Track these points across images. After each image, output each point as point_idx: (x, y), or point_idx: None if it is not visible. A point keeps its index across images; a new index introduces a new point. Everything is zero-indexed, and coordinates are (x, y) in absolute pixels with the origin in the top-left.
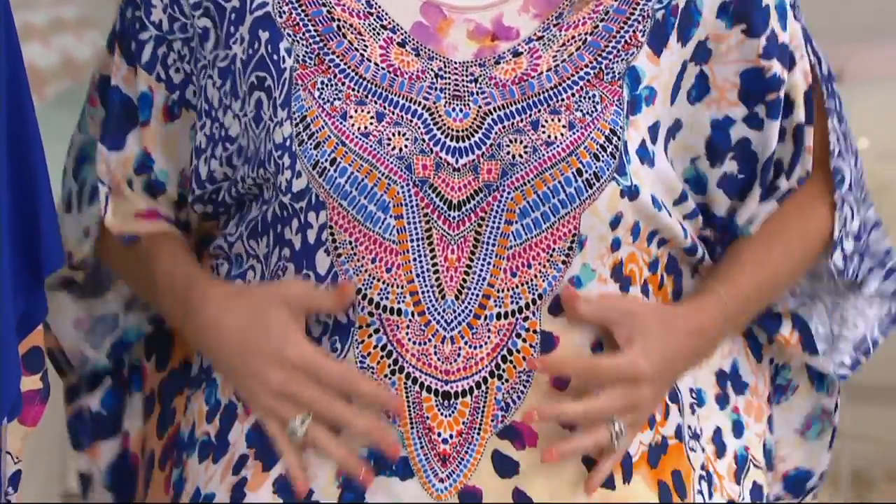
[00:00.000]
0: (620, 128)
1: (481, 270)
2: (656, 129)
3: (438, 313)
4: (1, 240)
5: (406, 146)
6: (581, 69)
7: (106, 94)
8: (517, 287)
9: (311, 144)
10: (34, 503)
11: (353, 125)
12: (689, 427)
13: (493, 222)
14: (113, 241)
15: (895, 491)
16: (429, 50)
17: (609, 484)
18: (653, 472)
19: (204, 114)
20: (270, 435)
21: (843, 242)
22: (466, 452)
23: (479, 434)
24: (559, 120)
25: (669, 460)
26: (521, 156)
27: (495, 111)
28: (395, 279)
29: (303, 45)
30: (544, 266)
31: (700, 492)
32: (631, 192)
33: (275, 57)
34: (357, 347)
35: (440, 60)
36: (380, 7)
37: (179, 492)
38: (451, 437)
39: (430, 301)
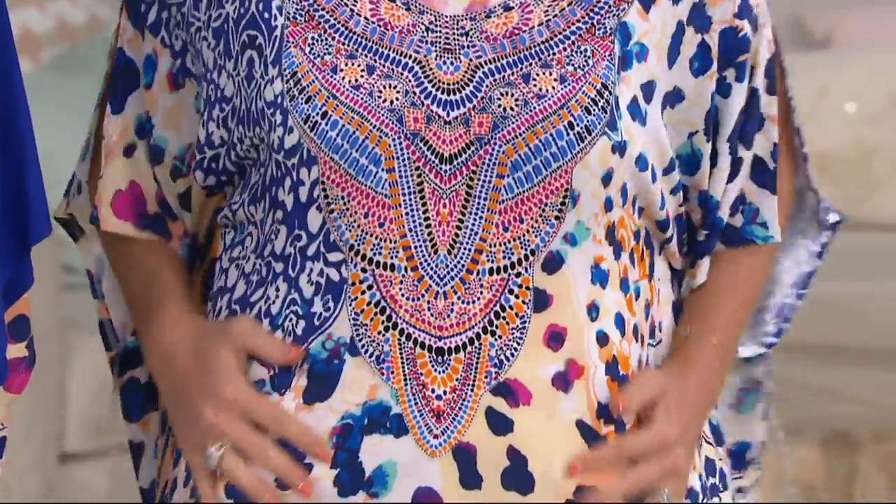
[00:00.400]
0: (612, 82)
1: (473, 225)
2: (651, 88)
3: (431, 268)
4: None
5: (397, 99)
6: (573, 24)
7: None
8: (509, 242)
9: (301, 99)
10: (31, 464)
11: (343, 78)
12: None
13: (485, 176)
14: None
15: (882, 451)
16: (419, 4)
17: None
18: None
19: (202, 78)
20: (192, 468)
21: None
22: (460, 409)
23: (472, 390)
24: (550, 73)
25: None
26: (512, 109)
27: (486, 64)
28: (387, 234)
29: (293, 2)
30: (537, 221)
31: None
32: (621, 148)
33: (266, 15)
34: (350, 305)
35: (431, 14)
36: None
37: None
38: (444, 393)
39: (423, 256)
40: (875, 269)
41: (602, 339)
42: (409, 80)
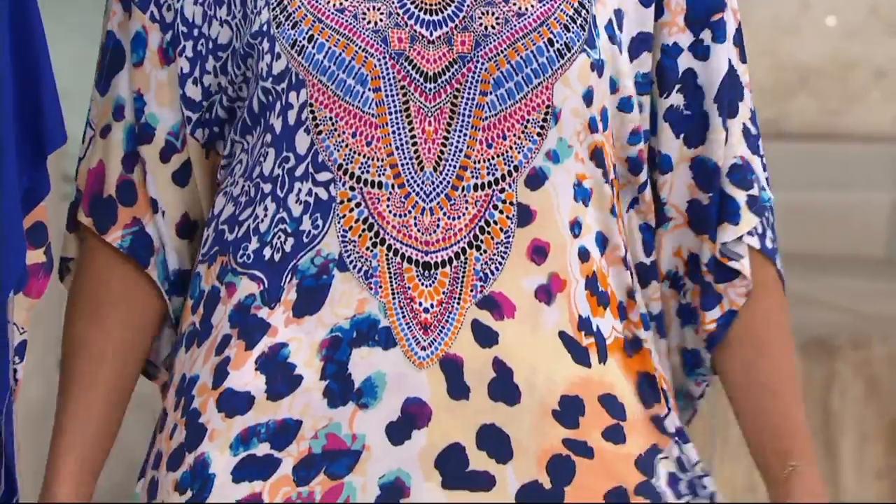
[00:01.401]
0: (588, 2)
1: (458, 142)
2: (620, 17)
3: (417, 185)
4: (4, 116)
5: (381, 20)
6: None
7: None
8: (493, 158)
9: (288, 25)
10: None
11: (328, 2)
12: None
13: (468, 93)
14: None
15: (859, 357)
16: None
17: (584, 361)
18: (628, 361)
19: (183, 37)
20: None
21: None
22: (447, 321)
23: (458, 304)
24: None
25: (641, 359)
26: (493, 27)
27: None
28: (374, 152)
29: None
30: (519, 138)
31: (669, 406)
32: (600, 67)
33: None
34: (339, 222)
35: None
36: None
37: (167, 393)
38: (431, 306)
39: (409, 173)
40: (853, 179)
41: (583, 254)
42: (393, 2)
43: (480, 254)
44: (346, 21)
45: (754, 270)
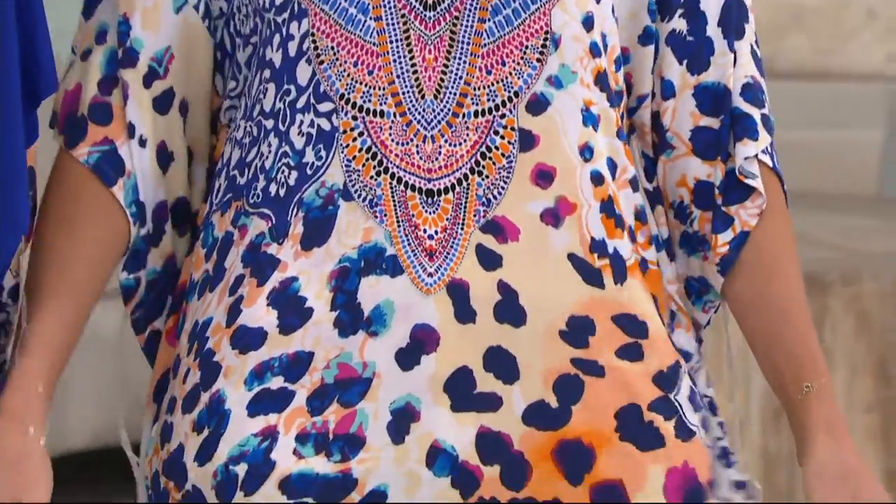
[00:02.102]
0: None
1: (457, 69)
2: None
3: (419, 112)
4: (11, 59)
5: None
6: None
7: None
8: (493, 85)
9: None
10: None
11: None
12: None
13: (467, 21)
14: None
15: (850, 293)
16: None
17: (596, 282)
18: (645, 282)
19: None
20: None
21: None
22: (451, 247)
23: (462, 229)
24: None
25: (652, 278)
26: None
27: None
28: (376, 81)
29: None
30: (518, 64)
31: (671, 327)
32: None
33: None
34: (342, 152)
35: None
36: None
37: (179, 337)
38: (436, 233)
39: (411, 101)
40: (845, 117)
41: (597, 178)
42: None
43: (482, 179)
44: None
45: (766, 190)
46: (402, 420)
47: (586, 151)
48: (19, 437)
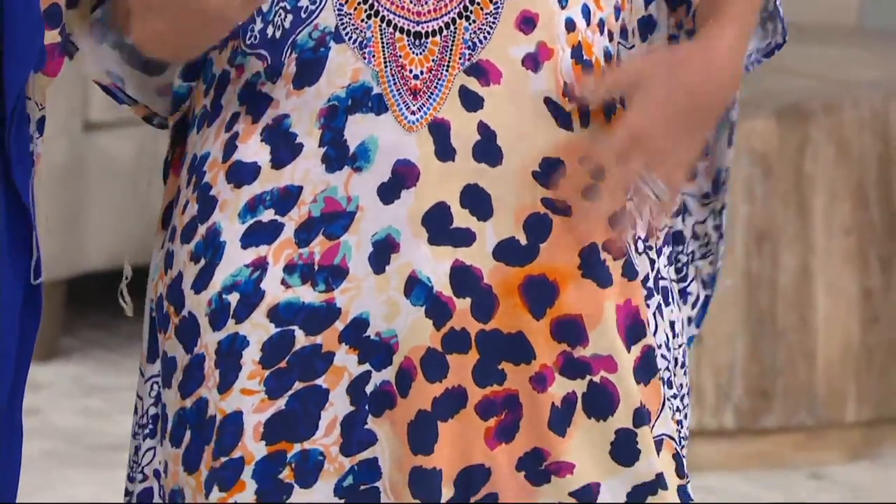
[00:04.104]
0: None
1: None
2: None
3: None
4: None
5: None
6: None
7: None
8: None
9: None
10: (56, 131)
11: None
12: None
13: None
14: None
15: (831, 122)
16: None
17: (568, 126)
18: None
19: None
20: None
21: None
22: (436, 87)
23: (447, 70)
24: None
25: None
26: None
27: None
28: None
29: None
30: None
31: None
32: None
33: None
34: None
35: None
36: None
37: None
38: (421, 73)
39: None
40: None
41: (569, 24)
42: None
43: (469, 23)
44: None
45: None
46: (383, 251)
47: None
48: None
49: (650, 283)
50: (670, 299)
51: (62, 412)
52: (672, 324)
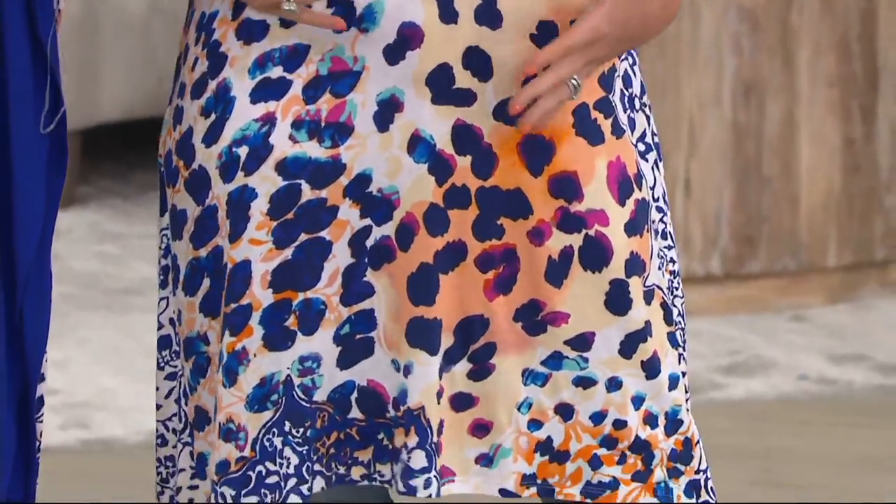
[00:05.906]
0: None
1: None
2: None
3: None
4: None
5: None
6: None
7: None
8: None
9: None
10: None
11: None
12: None
13: None
14: None
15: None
16: None
17: None
18: None
19: None
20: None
21: None
22: None
23: None
24: None
25: None
26: None
27: None
28: None
29: None
30: None
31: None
32: None
33: None
34: None
35: None
36: None
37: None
38: None
39: None
40: None
41: None
42: None
43: None
44: None
45: None
46: (387, 110)
47: None
48: None
49: (647, 139)
50: None
51: (79, 257)
52: None
